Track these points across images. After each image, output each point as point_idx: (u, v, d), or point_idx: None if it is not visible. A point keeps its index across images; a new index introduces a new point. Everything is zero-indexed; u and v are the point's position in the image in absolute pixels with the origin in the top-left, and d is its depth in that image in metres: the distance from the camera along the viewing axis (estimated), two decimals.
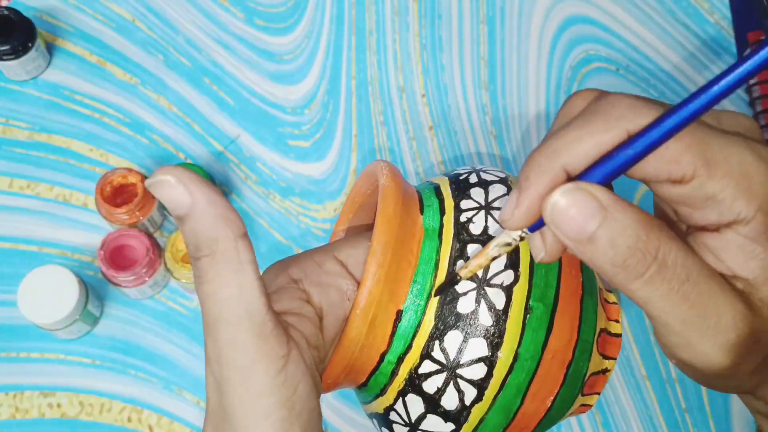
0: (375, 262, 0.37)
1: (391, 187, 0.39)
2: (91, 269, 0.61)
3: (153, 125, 0.65)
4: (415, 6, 0.70)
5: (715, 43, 0.70)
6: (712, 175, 0.29)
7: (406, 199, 0.40)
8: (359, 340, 0.37)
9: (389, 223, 0.38)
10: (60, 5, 0.68)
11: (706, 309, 0.30)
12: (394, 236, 0.38)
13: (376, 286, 0.37)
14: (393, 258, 0.38)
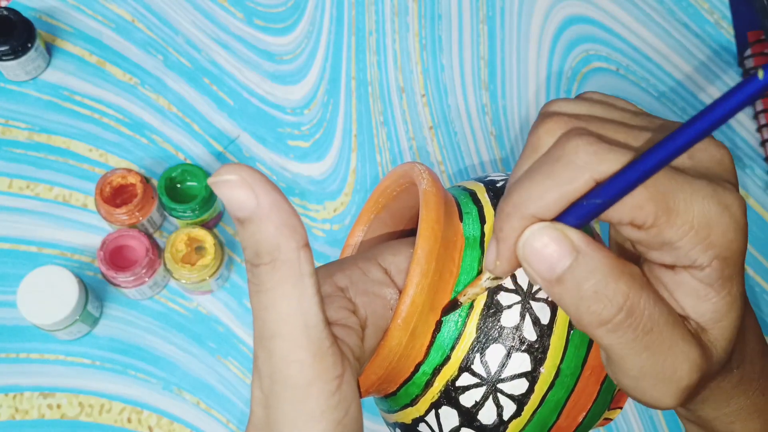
0: (419, 270, 0.36)
1: (433, 193, 0.38)
2: (90, 270, 0.61)
3: (152, 125, 0.65)
4: (415, 6, 0.69)
5: (715, 42, 0.70)
6: (671, 223, 0.29)
7: (447, 206, 0.39)
8: (398, 350, 0.36)
9: (433, 230, 0.37)
10: (59, 6, 0.68)
11: (665, 360, 0.30)
12: (438, 244, 0.37)
13: (419, 295, 0.36)
14: (436, 266, 0.37)
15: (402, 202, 0.44)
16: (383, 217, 0.46)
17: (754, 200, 0.65)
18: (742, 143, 0.67)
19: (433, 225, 0.37)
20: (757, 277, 0.63)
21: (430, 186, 0.39)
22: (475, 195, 0.42)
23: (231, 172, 0.29)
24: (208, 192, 0.59)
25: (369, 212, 0.46)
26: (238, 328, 0.61)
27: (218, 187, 0.29)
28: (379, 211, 0.45)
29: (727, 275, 0.30)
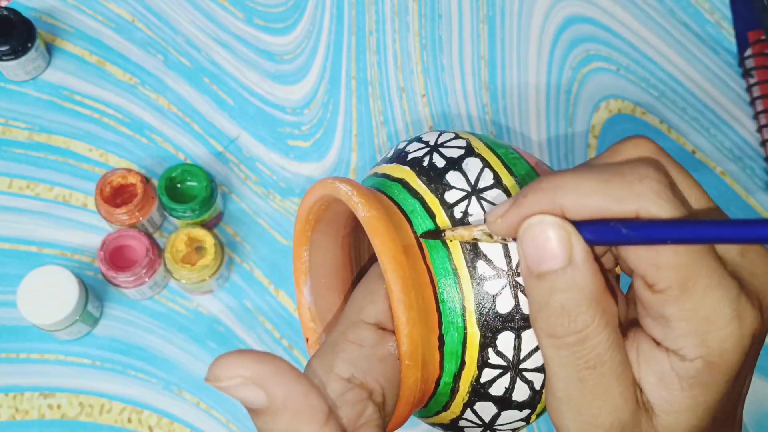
0: (402, 307, 0.35)
1: (377, 218, 0.37)
2: (90, 270, 0.61)
3: (153, 125, 0.65)
4: (415, 6, 0.69)
5: (716, 42, 0.70)
6: (679, 301, 0.28)
7: (392, 219, 0.38)
8: (417, 385, 0.36)
9: (395, 259, 0.36)
10: (59, 5, 0.68)
11: (593, 401, 0.30)
12: (406, 269, 0.36)
13: (413, 328, 0.35)
14: (415, 291, 0.36)
15: (334, 211, 0.43)
16: (322, 230, 0.45)
17: (754, 200, 0.65)
18: (743, 143, 0.67)
19: (392, 253, 0.36)
20: None
21: (368, 211, 0.37)
22: (408, 184, 0.40)
23: (233, 368, 0.27)
24: (208, 192, 0.59)
25: (304, 233, 0.45)
26: (238, 328, 0.61)
27: (221, 389, 0.27)
28: (314, 227, 0.44)
29: (705, 381, 0.29)
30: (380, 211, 0.37)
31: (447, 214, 0.38)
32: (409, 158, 0.41)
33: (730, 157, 0.66)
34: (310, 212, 0.43)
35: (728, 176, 0.66)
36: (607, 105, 0.67)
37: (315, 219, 0.43)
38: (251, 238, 0.63)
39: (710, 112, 0.68)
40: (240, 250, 0.63)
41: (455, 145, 0.41)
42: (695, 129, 0.67)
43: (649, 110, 0.68)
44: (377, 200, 0.38)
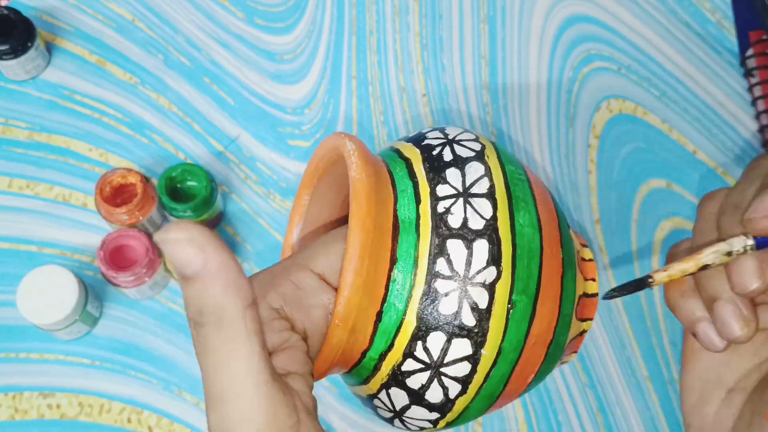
0: (351, 269, 0.36)
1: (362, 181, 0.37)
2: (90, 269, 0.61)
3: (153, 125, 0.65)
4: (416, 5, 0.69)
5: (717, 42, 0.70)
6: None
7: (379, 190, 0.38)
8: (340, 346, 0.37)
9: (364, 225, 0.36)
10: (59, 5, 0.68)
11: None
12: (370, 237, 0.37)
13: (354, 294, 0.36)
14: (370, 261, 0.36)
15: (340, 168, 0.43)
16: (327, 182, 0.45)
17: None
18: (744, 144, 0.67)
19: (363, 219, 0.36)
20: None
21: (359, 173, 0.38)
22: (411, 165, 0.41)
23: (180, 230, 0.28)
24: (208, 192, 0.59)
25: (310, 180, 0.45)
26: None
27: (166, 245, 0.28)
28: (320, 176, 0.45)
29: None
30: (371, 177, 0.38)
31: (431, 206, 0.39)
32: (423, 143, 0.42)
33: (731, 157, 0.66)
34: (320, 160, 0.44)
35: (729, 176, 0.66)
36: (608, 105, 0.67)
37: (323, 168, 0.44)
38: (251, 237, 0.63)
39: (711, 112, 0.68)
40: (240, 249, 0.63)
41: (469, 146, 0.41)
42: (696, 129, 0.67)
43: (650, 110, 0.67)
44: (373, 167, 0.39)
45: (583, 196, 0.65)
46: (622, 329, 0.62)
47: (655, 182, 0.65)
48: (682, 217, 0.65)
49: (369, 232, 0.37)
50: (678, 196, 0.65)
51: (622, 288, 0.38)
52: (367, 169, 0.38)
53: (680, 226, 0.64)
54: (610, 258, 0.63)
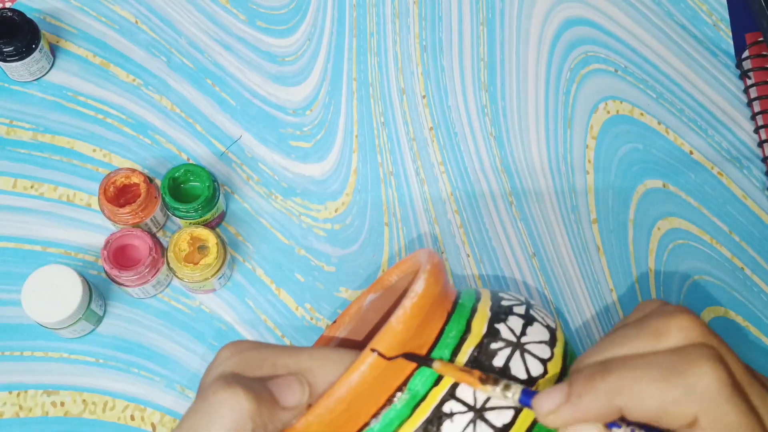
0: (324, 406, 0.37)
1: (396, 325, 0.38)
2: (94, 269, 0.62)
3: (156, 126, 0.66)
4: (416, 8, 0.70)
5: (714, 44, 0.70)
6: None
7: (410, 342, 0.38)
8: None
9: (354, 388, 0.37)
10: (63, 7, 0.68)
11: None
12: (358, 393, 0.37)
13: (316, 425, 0.37)
14: (345, 413, 0.37)
15: (402, 284, 0.47)
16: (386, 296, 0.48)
17: (752, 201, 0.66)
18: (740, 144, 0.68)
19: (365, 378, 0.37)
20: (754, 277, 0.64)
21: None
22: (473, 311, 0.41)
23: None
24: (210, 192, 0.59)
25: (382, 281, 0.48)
26: (241, 327, 0.61)
27: None
28: (385, 287, 0.48)
29: None
30: (413, 320, 0.38)
31: (467, 359, 0.39)
32: (502, 304, 0.43)
33: (727, 158, 0.67)
34: (400, 267, 0.47)
35: (726, 177, 0.66)
36: (606, 106, 0.68)
37: (398, 275, 0.47)
38: (253, 237, 0.63)
39: (708, 113, 0.68)
40: (242, 249, 0.63)
41: (539, 339, 0.41)
42: (693, 130, 0.68)
43: (647, 111, 0.68)
44: (429, 305, 0.39)
45: (580, 196, 0.65)
46: None
47: (651, 182, 0.66)
48: (678, 217, 0.65)
49: (360, 390, 0.37)
50: (674, 196, 0.66)
51: (411, 356, 0.39)
52: (423, 302, 0.39)
53: (676, 226, 0.65)
54: (607, 258, 0.64)
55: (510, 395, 0.36)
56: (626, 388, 0.31)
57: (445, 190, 0.65)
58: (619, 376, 0.31)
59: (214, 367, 0.38)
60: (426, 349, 0.39)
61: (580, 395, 0.31)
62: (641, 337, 0.33)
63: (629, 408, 0.31)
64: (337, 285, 0.63)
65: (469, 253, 0.63)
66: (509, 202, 0.65)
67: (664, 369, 0.31)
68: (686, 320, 0.33)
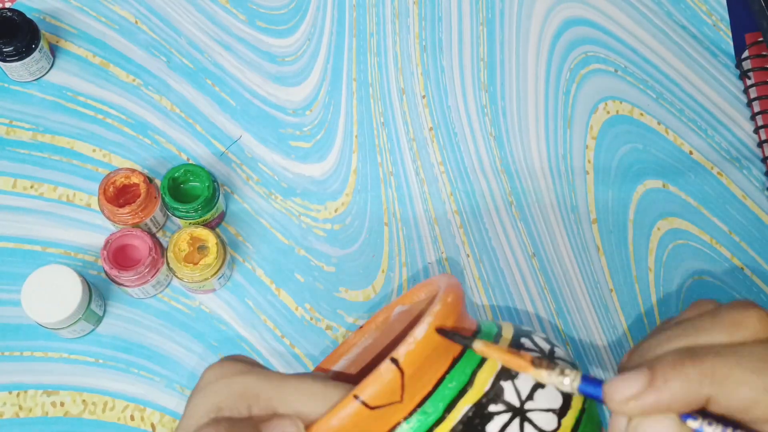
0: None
1: (415, 347, 0.36)
2: (94, 269, 0.62)
3: (155, 126, 0.66)
4: (416, 8, 0.70)
5: (713, 44, 0.70)
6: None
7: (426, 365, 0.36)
8: None
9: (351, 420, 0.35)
10: (63, 7, 0.68)
11: None
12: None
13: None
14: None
15: (419, 307, 0.45)
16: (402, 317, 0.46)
17: (751, 201, 0.66)
18: (740, 144, 0.68)
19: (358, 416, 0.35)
20: (754, 277, 0.64)
21: (421, 338, 0.36)
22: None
23: None
24: (210, 192, 0.59)
25: (391, 307, 0.47)
26: (240, 327, 0.61)
27: None
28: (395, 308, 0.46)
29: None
30: (423, 349, 0.36)
31: (460, 418, 0.37)
32: (521, 342, 0.40)
33: (727, 159, 0.67)
34: (427, 286, 0.45)
35: (725, 177, 0.66)
36: (606, 106, 0.68)
37: (414, 299, 0.46)
38: (253, 237, 0.63)
39: (708, 113, 0.68)
40: (242, 249, 0.63)
41: (547, 406, 0.38)
42: (693, 130, 0.68)
43: (647, 111, 0.68)
44: (440, 340, 0.36)
45: (580, 196, 0.65)
46: (620, 330, 0.63)
47: (651, 183, 0.66)
48: (678, 218, 0.65)
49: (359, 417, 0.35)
50: (674, 196, 0.66)
51: (449, 334, 0.37)
52: (429, 340, 0.36)
53: (676, 226, 0.65)
54: (607, 258, 0.64)
55: (567, 382, 0.34)
56: (721, 375, 0.29)
57: (445, 190, 0.65)
58: (712, 362, 0.29)
59: (199, 391, 0.37)
60: (418, 399, 0.36)
61: (666, 380, 0.29)
62: (719, 328, 0.32)
63: (719, 397, 0.29)
64: (337, 285, 0.63)
65: (468, 253, 0.63)
66: (509, 202, 0.65)
67: (758, 359, 0.29)
68: (764, 313, 0.32)
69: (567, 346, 0.61)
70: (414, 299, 0.47)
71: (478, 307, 0.62)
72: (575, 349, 0.62)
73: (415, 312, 0.47)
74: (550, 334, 0.62)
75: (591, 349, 0.62)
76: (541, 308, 0.62)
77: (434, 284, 0.45)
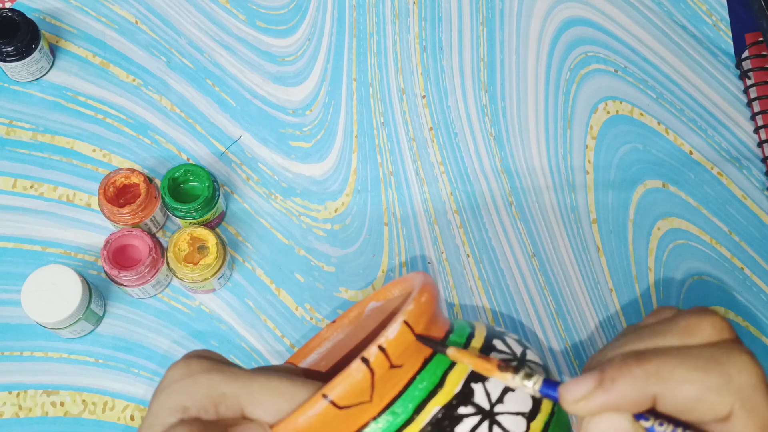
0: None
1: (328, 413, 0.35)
2: (94, 269, 0.62)
3: (156, 126, 0.66)
4: (416, 8, 0.70)
5: (713, 44, 0.70)
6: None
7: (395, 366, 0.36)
8: None
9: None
10: (63, 7, 0.68)
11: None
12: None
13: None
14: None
15: (394, 304, 0.44)
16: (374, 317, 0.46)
17: (751, 201, 0.66)
18: (740, 144, 0.68)
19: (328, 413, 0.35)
20: (754, 277, 0.64)
21: (389, 338, 0.36)
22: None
23: None
24: (210, 192, 0.60)
25: (376, 296, 0.46)
26: (240, 327, 0.61)
27: None
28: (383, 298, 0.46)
29: None
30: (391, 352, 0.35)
31: (429, 419, 0.36)
32: (493, 344, 0.40)
33: (727, 158, 0.67)
34: (401, 284, 0.45)
35: (725, 177, 0.66)
36: (605, 106, 0.68)
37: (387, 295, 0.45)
38: (253, 237, 0.63)
39: (708, 113, 0.68)
40: (242, 249, 0.63)
41: (516, 409, 0.38)
42: (693, 130, 0.68)
43: (647, 111, 0.68)
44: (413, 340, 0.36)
45: (580, 196, 0.65)
46: (620, 329, 0.63)
47: (651, 183, 0.66)
48: (678, 218, 0.65)
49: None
50: (674, 196, 0.66)
51: (424, 338, 0.37)
52: (403, 338, 0.36)
53: (676, 226, 0.65)
54: (607, 258, 0.64)
55: (530, 385, 0.35)
56: (665, 373, 0.30)
57: (444, 190, 0.65)
58: (657, 362, 0.30)
59: (163, 390, 0.37)
60: (387, 400, 0.36)
61: (614, 380, 0.30)
62: (673, 332, 0.33)
63: (665, 396, 0.30)
64: (337, 285, 0.63)
65: (468, 253, 0.63)
66: (509, 202, 0.65)
67: (703, 358, 0.30)
68: (718, 319, 0.33)
69: (566, 345, 0.62)
70: (388, 296, 0.46)
71: (478, 308, 0.62)
72: (575, 349, 0.62)
73: (389, 309, 0.47)
74: (550, 333, 0.62)
75: (591, 349, 0.62)
76: (541, 308, 0.62)
77: (409, 282, 0.44)
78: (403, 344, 0.36)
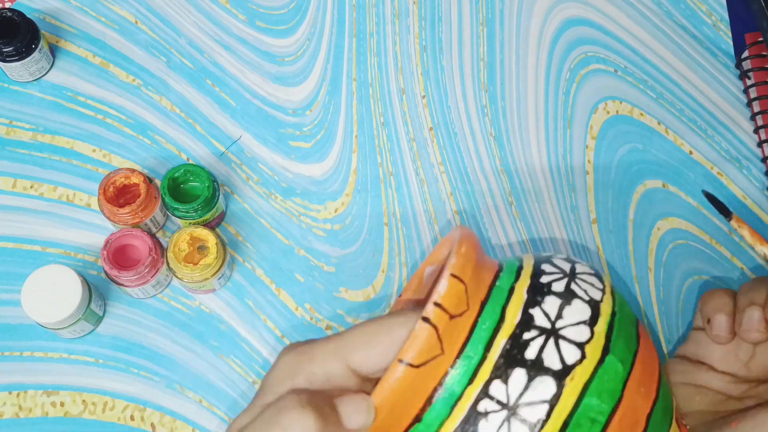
0: (388, 391, 0.37)
1: (424, 336, 0.38)
2: (94, 269, 0.62)
3: (155, 126, 0.66)
4: (415, 9, 0.70)
5: (713, 44, 0.70)
6: None
7: (445, 336, 0.38)
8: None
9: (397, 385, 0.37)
10: (63, 7, 0.68)
11: None
12: (413, 377, 0.37)
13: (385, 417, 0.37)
14: (404, 396, 0.38)
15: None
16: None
17: (751, 201, 0.66)
18: (740, 144, 0.68)
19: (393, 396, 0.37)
20: (754, 277, 0.64)
21: (443, 292, 0.38)
22: (509, 298, 0.41)
23: None
24: (210, 192, 0.60)
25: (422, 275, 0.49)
26: (240, 327, 0.61)
27: None
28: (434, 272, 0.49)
29: None
30: (435, 335, 0.38)
31: (503, 348, 0.39)
32: (541, 281, 0.42)
33: (727, 158, 0.67)
34: (445, 244, 0.48)
35: (725, 177, 0.66)
36: (605, 106, 0.68)
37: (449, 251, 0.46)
38: (253, 237, 0.63)
39: (708, 113, 0.68)
40: (242, 249, 0.63)
41: (576, 319, 0.40)
42: (692, 130, 0.68)
43: (647, 111, 0.68)
44: (464, 289, 0.39)
45: (580, 196, 0.65)
46: None
47: (651, 183, 0.66)
48: (678, 218, 0.65)
49: (396, 400, 0.37)
50: (674, 196, 0.66)
51: (713, 199, 0.43)
52: (442, 319, 0.38)
53: (676, 227, 0.65)
54: (607, 258, 0.64)
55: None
56: None
57: (444, 190, 0.65)
58: None
59: (274, 367, 0.40)
60: (458, 347, 0.39)
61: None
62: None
63: None
64: (337, 285, 0.63)
65: None
66: (509, 202, 0.65)
67: None
68: None
69: None
70: (439, 257, 0.49)
71: None
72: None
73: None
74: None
75: None
76: None
77: (451, 240, 0.47)
78: (456, 295, 0.38)
